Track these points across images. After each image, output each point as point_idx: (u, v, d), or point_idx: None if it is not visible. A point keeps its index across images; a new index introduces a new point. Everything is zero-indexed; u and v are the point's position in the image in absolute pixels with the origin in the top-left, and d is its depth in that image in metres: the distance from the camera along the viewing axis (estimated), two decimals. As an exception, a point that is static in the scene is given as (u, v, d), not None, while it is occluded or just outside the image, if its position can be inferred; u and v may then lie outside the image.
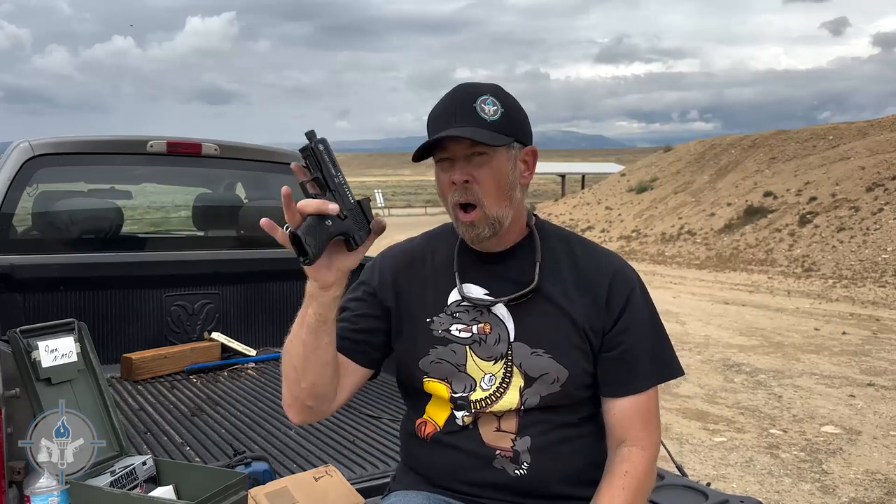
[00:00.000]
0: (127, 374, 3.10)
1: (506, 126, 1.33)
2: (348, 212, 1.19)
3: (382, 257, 1.54)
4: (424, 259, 1.49)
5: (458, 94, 1.36)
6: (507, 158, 1.35)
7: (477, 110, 1.32)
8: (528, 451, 1.37)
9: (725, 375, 6.27)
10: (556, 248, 1.45)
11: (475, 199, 1.33)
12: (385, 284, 1.47)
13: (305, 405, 1.36)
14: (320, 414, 1.40)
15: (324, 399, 1.37)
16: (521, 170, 1.38)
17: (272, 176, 3.74)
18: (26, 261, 3.02)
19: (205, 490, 1.50)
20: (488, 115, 1.32)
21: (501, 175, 1.34)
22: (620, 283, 1.41)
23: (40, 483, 1.52)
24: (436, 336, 1.41)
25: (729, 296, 10.87)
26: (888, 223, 13.22)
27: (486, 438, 1.39)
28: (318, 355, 1.30)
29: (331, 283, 1.24)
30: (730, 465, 4.23)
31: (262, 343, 3.57)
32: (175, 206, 5.40)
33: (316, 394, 1.35)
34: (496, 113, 1.33)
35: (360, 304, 1.46)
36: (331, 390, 1.37)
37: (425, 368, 1.41)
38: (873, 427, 4.87)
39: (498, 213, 1.35)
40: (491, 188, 1.33)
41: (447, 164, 1.35)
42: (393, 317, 1.46)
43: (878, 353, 7.03)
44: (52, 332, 1.72)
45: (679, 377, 1.45)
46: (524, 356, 1.37)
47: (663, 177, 23.19)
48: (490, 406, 1.38)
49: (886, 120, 20.42)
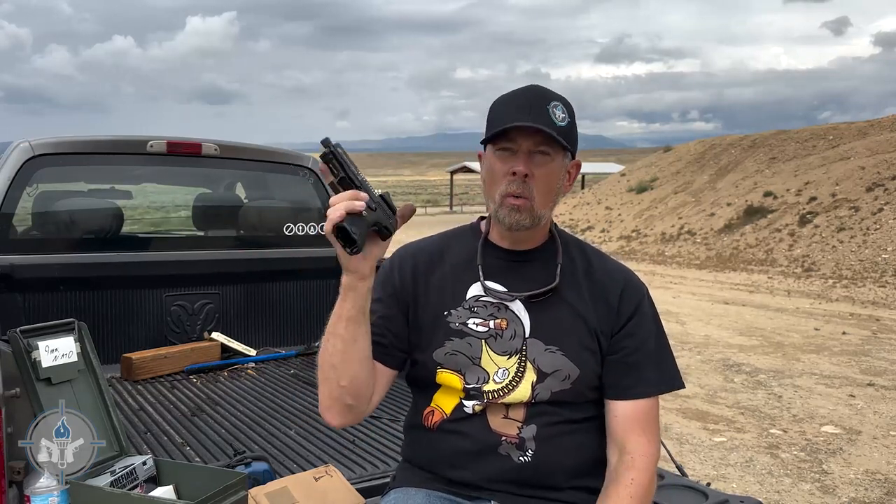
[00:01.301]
0: (127, 374, 3.10)
1: (568, 135, 1.39)
2: (376, 204, 1.28)
3: (400, 256, 1.56)
4: (443, 255, 1.52)
5: (532, 92, 1.41)
6: (562, 164, 1.41)
7: (549, 112, 1.37)
8: (534, 438, 1.41)
9: (725, 375, 6.27)
10: (573, 254, 1.51)
11: (529, 193, 1.38)
12: (405, 282, 1.50)
13: (346, 404, 1.38)
14: (359, 415, 1.42)
15: (363, 398, 1.39)
16: (566, 179, 1.45)
17: (272, 176, 3.74)
18: (26, 261, 3.02)
19: (205, 490, 1.50)
20: (558, 120, 1.37)
21: (555, 178, 1.41)
22: (631, 291, 1.48)
23: (40, 483, 1.52)
24: (453, 329, 1.45)
25: (729, 296, 10.87)
26: (888, 223, 13.23)
27: (493, 425, 1.42)
28: (357, 349, 1.34)
29: (367, 273, 1.30)
30: (730, 465, 4.23)
31: (262, 343, 3.57)
32: (175, 206, 5.41)
33: (356, 391, 1.37)
34: (564, 120, 1.38)
35: (382, 306, 1.47)
36: (369, 388, 1.40)
37: (439, 359, 1.44)
38: (873, 427, 4.88)
39: (542, 211, 1.41)
40: (544, 187, 1.39)
41: (508, 154, 1.39)
42: (410, 310, 1.49)
43: (878, 353, 7.03)
44: (52, 332, 1.72)
45: (679, 389, 1.50)
46: (538, 352, 1.42)
47: (663, 177, 23.18)
48: (502, 397, 1.41)
49: (886, 120, 20.42)
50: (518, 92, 1.42)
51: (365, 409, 1.42)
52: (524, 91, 1.42)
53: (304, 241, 3.62)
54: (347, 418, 1.41)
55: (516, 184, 1.37)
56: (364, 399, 1.40)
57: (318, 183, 3.60)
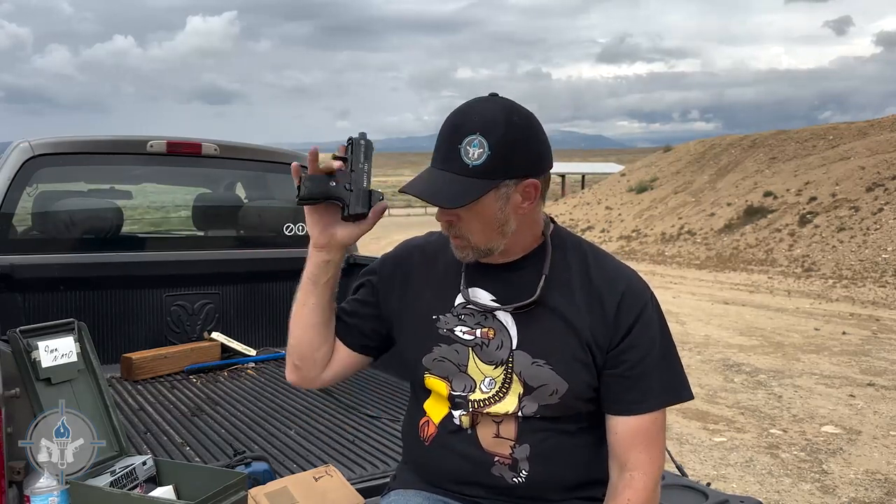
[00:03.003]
0: (127, 374, 3.09)
1: (490, 169, 1.27)
2: (356, 187, 1.37)
3: (395, 251, 1.56)
4: (437, 257, 1.49)
5: (451, 126, 1.31)
6: (494, 199, 1.30)
7: (461, 153, 1.28)
8: (527, 458, 1.37)
9: (725, 375, 6.27)
10: (569, 259, 1.42)
11: (461, 234, 1.35)
12: (391, 277, 1.49)
13: (293, 363, 1.49)
14: (308, 381, 1.51)
15: (309, 364, 1.47)
16: (516, 203, 1.32)
17: (272, 176, 3.74)
18: (26, 261, 3.02)
19: (205, 490, 1.50)
20: (471, 160, 1.27)
21: (487, 216, 1.32)
22: (631, 299, 1.37)
23: (40, 483, 1.51)
24: (440, 334, 1.42)
25: (729, 296, 10.87)
26: (888, 223, 13.23)
27: (484, 444, 1.38)
28: (304, 314, 1.44)
29: (322, 244, 1.41)
30: (730, 465, 4.23)
31: (262, 343, 3.56)
32: (175, 206, 5.40)
33: (301, 353, 1.47)
34: (480, 156, 1.27)
35: (364, 290, 1.52)
36: (316, 356, 1.47)
37: (427, 365, 1.42)
38: (873, 427, 4.88)
39: (486, 245, 1.35)
40: (476, 228, 1.33)
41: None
42: (398, 311, 1.47)
43: (878, 353, 7.03)
44: (52, 332, 1.72)
45: (688, 400, 1.41)
46: (525, 365, 1.36)
47: (663, 177, 23.19)
48: (487, 407, 1.38)
49: (886, 120, 20.43)
50: (447, 121, 1.33)
51: (314, 376, 1.49)
52: (449, 121, 1.32)
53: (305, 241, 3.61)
54: (296, 378, 1.50)
55: (444, 228, 1.38)
56: (311, 366, 1.47)
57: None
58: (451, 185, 1.28)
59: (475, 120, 1.29)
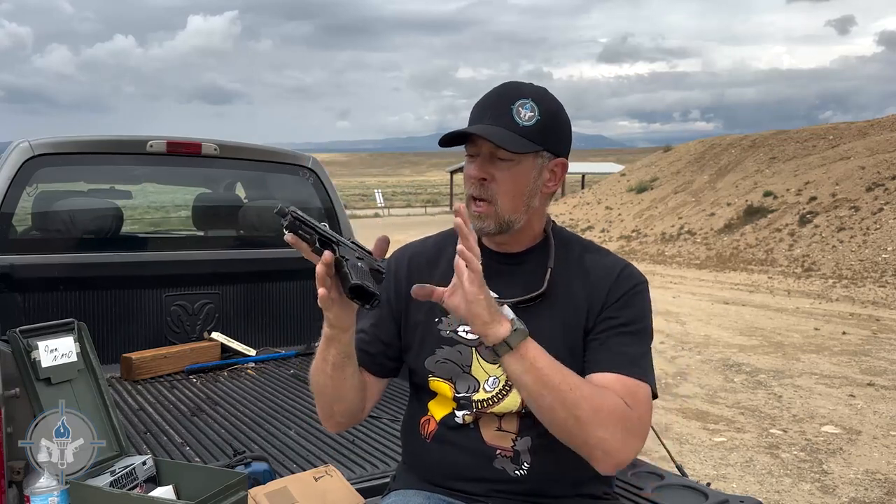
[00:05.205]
0: (127, 374, 3.09)
1: (538, 134, 1.34)
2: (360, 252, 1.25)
3: (396, 258, 1.54)
4: (438, 259, 1.49)
5: (500, 92, 1.38)
6: (532, 165, 1.36)
7: (513, 112, 1.33)
8: (529, 451, 1.38)
9: (725, 375, 6.27)
10: (570, 256, 1.44)
11: (490, 196, 1.35)
12: (400, 288, 1.48)
13: (339, 422, 1.47)
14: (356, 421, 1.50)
15: (356, 413, 1.46)
16: (545, 179, 1.38)
17: (272, 176, 3.74)
18: (26, 261, 3.02)
19: (205, 490, 1.50)
20: (522, 120, 1.33)
21: (522, 180, 1.35)
22: (626, 278, 1.40)
23: (40, 483, 1.51)
24: (443, 336, 1.43)
25: (729, 296, 10.87)
26: (888, 223, 13.22)
27: (486, 438, 1.39)
28: (347, 385, 1.38)
29: (350, 324, 1.30)
30: (730, 465, 4.22)
31: (262, 343, 3.57)
32: (175, 206, 5.41)
33: (349, 412, 1.44)
34: (531, 119, 1.34)
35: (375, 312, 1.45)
36: (360, 403, 1.45)
37: (431, 368, 1.43)
38: (873, 427, 4.87)
39: (510, 215, 1.36)
40: (508, 190, 1.35)
41: (473, 158, 1.37)
42: (403, 315, 1.48)
43: (878, 353, 7.03)
44: (52, 332, 1.72)
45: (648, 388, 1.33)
46: None
47: (663, 177, 23.18)
48: (491, 407, 1.39)
49: (886, 120, 20.42)
50: (492, 91, 1.39)
51: (360, 416, 1.48)
52: (496, 90, 1.38)
53: None
54: (344, 427, 1.51)
55: (475, 187, 1.36)
56: (357, 412, 1.46)
57: (318, 183, 3.60)
58: (502, 135, 1.32)
59: (526, 88, 1.37)
